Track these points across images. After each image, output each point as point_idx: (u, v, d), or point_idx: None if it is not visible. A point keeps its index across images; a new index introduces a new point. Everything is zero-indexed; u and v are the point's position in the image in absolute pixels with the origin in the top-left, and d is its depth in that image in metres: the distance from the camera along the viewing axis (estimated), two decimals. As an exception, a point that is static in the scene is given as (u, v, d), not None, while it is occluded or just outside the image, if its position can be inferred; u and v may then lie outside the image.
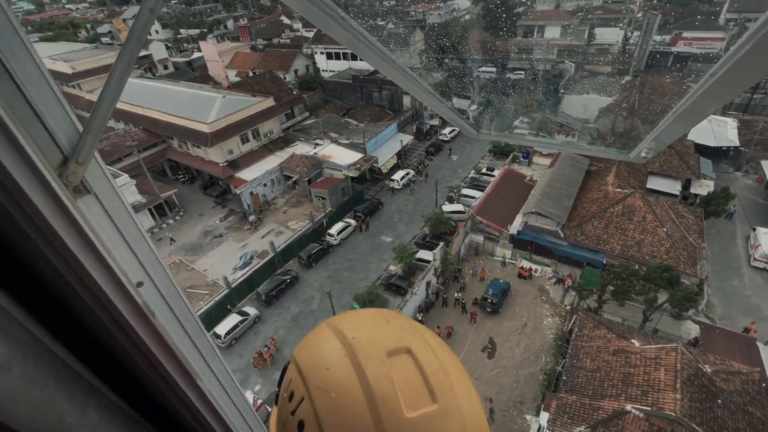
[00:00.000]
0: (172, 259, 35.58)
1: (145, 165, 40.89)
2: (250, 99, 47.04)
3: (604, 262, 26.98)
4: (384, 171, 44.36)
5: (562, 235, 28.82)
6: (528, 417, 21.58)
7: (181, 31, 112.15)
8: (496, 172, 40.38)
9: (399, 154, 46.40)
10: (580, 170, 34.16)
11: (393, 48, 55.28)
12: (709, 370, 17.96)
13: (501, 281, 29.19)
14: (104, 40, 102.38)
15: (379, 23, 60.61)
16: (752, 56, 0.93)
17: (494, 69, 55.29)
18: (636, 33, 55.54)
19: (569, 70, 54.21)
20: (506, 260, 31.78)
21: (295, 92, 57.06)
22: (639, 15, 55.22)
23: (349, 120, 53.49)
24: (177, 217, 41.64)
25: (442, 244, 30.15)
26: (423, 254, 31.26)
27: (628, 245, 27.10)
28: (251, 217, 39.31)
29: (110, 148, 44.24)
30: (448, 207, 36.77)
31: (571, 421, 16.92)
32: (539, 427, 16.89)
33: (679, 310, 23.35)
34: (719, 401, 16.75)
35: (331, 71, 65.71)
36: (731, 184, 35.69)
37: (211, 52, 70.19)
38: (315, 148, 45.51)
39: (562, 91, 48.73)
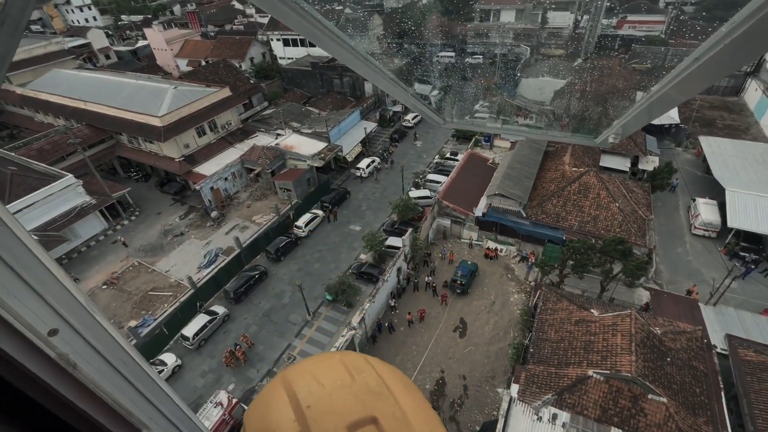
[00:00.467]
0: (129, 262, 33.74)
1: (92, 163, 38.12)
2: (205, 90, 44.80)
3: (564, 238, 28.41)
4: (349, 159, 43.96)
5: (525, 215, 29.98)
6: (500, 390, 22.63)
7: (123, 17, 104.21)
8: (460, 157, 41.12)
9: (363, 142, 46.08)
10: (538, 151, 35.49)
11: (351, 33, 54.30)
12: (659, 331, 19.55)
13: (469, 263, 30.05)
14: (34, 28, 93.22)
15: (336, 8, 59.18)
16: (721, 56, 1.00)
17: (453, 53, 55.72)
18: (585, 17, 57.79)
19: (525, 53, 55.66)
20: (473, 242, 32.70)
21: (252, 81, 54.89)
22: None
23: (310, 108, 52.31)
24: (132, 218, 39.38)
25: (410, 230, 30.51)
26: (392, 241, 31.53)
27: (585, 221, 28.65)
28: (213, 213, 37.87)
29: (50, 146, 40.90)
30: (414, 193, 37.14)
31: (540, 390, 17.93)
32: (510, 399, 17.77)
33: (631, 279, 25.11)
34: (668, 359, 18.32)
35: (288, 58, 63.69)
36: (673, 159, 38.43)
37: (158, 39, 65.86)
38: (276, 138, 44.26)
39: (519, 74, 50.03)
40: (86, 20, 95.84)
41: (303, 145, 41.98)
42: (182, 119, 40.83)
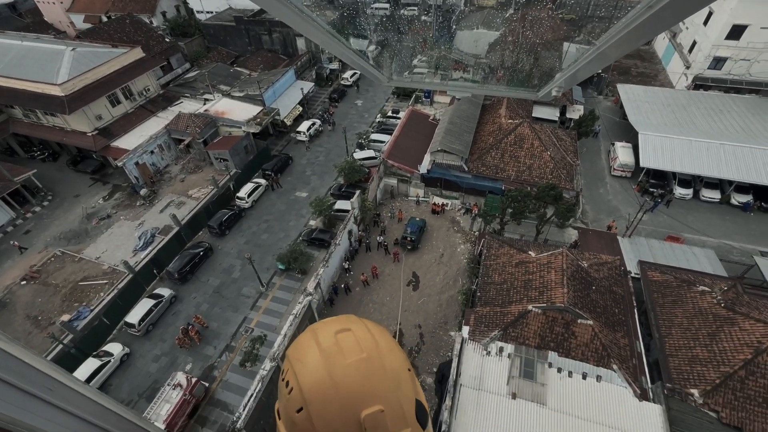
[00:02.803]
0: (50, 253, 30.38)
1: (-20, 144, 32.66)
2: (111, 51, 39.24)
3: (503, 188, 30.11)
4: (288, 123, 41.92)
5: (466, 169, 31.11)
6: (452, 333, 24.48)
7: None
8: (402, 114, 40.90)
9: (301, 104, 43.95)
10: (477, 105, 36.32)
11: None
12: (585, 265, 21.97)
13: (417, 219, 30.98)
14: None
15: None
16: (664, 12, 1.04)
17: (387, 4, 53.56)
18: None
19: (459, 3, 55.03)
20: (420, 199, 33.56)
21: (167, 39, 48.92)
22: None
23: (239, 69, 48.27)
24: (45, 203, 34.98)
25: (358, 192, 30.44)
26: (341, 204, 31.36)
27: (521, 170, 30.44)
28: (142, 191, 34.76)
29: None
30: (359, 154, 36.72)
31: (487, 328, 19.65)
32: (462, 340, 19.33)
33: (562, 220, 27.58)
34: (593, 288, 20.82)
35: (207, 12, 57.36)
36: (596, 107, 41.37)
37: (42, -10, 55.58)
38: (205, 104, 40.70)
39: (454, 26, 49.63)
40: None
41: (236, 111, 39.12)
42: (89, 87, 35.79)
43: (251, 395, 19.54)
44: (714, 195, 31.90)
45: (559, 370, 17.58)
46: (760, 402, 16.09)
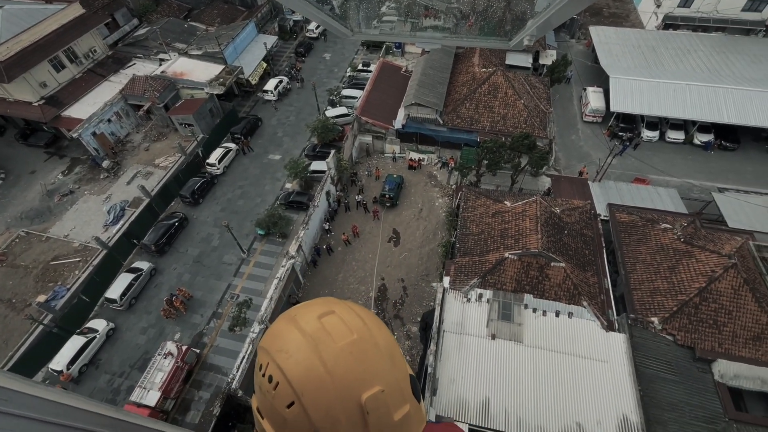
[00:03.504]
0: (13, 234, 28.96)
1: None
2: (45, 8, 35.19)
3: (478, 140, 30.13)
4: (253, 82, 39.72)
5: (441, 122, 30.77)
6: (434, 284, 25.47)
7: None
8: (373, 67, 39.34)
9: (266, 60, 41.46)
10: (449, 54, 35.23)
11: None
12: (558, 211, 22.81)
13: (395, 176, 30.92)
14: None
15: None
16: None
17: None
18: None
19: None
20: (396, 155, 33.28)
21: (108, -8, 44.05)
22: None
23: (194, 24, 44.52)
24: (-2, 182, 32.75)
25: (333, 151, 29.84)
26: (316, 165, 30.79)
27: (496, 121, 30.38)
28: (105, 163, 32.92)
29: None
30: (331, 112, 35.55)
31: (467, 277, 20.52)
32: (443, 289, 20.19)
33: (536, 169, 28.14)
34: (565, 232, 21.79)
35: (150, -41, 51.40)
36: (568, 52, 40.92)
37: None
38: (161, 65, 37.81)
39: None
40: None
41: (196, 71, 36.61)
42: (26, 51, 32.40)
43: (243, 357, 20.12)
44: (678, 136, 33.03)
45: (534, 310, 18.79)
46: (710, 324, 17.84)
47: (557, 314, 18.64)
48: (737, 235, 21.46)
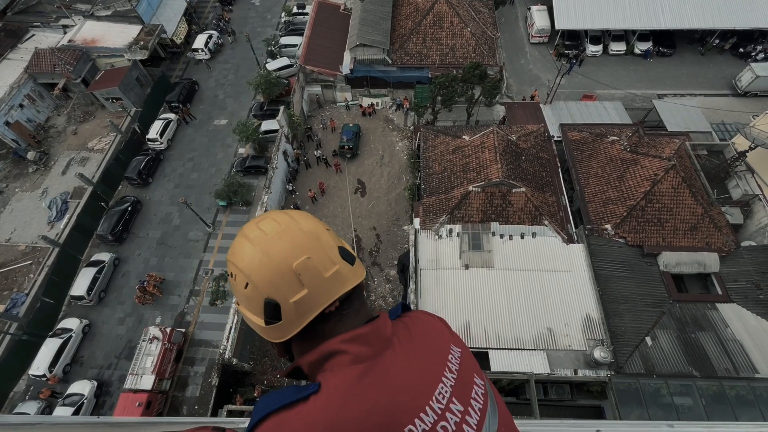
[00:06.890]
0: (-54, 247, 26.35)
1: None
2: None
3: (430, 76, 29.41)
4: (179, 41, 35.85)
5: (390, 61, 29.58)
6: (405, 227, 26.12)
7: None
8: (309, 9, 36.31)
9: (189, 14, 37.16)
10: (388, -15, 32.89)
11: None
12: (514, 138, 23.37)
13: (351, 125, 30.06)
14: None
15: None
16: None
17: None
18: None
19: None
20: (349, 103, 32.09)
21: (-25, -52, 36.68)
22: None
23: (93, -21, 38.48)
24: None
25: (282, 107, 28.31)
26: (267, 125, 29.24)
27: (445, 53, 29.54)
28: (29, 154, 29.71)
29: None
30: (272, 64, 33.13)
31: (436, 216, 21.16)
32: (415, 231, 20.83)
33: (489, 98, 28.19)
34: (523, 158, 22.55)
35: None
36: (509, -31, 39.25)
37: None
38: (65, 33, 33.08)
39: None
40: None
41: (109, 35, 32.42)
42: None
43: (231, 327, 20.39)
44: (620, 47, 33.70)
45: (501, 236, 19.92)
46: (655, 222, 19.72)
47: (522, 236, 19.88)
48: (675, 138, 23.08)
